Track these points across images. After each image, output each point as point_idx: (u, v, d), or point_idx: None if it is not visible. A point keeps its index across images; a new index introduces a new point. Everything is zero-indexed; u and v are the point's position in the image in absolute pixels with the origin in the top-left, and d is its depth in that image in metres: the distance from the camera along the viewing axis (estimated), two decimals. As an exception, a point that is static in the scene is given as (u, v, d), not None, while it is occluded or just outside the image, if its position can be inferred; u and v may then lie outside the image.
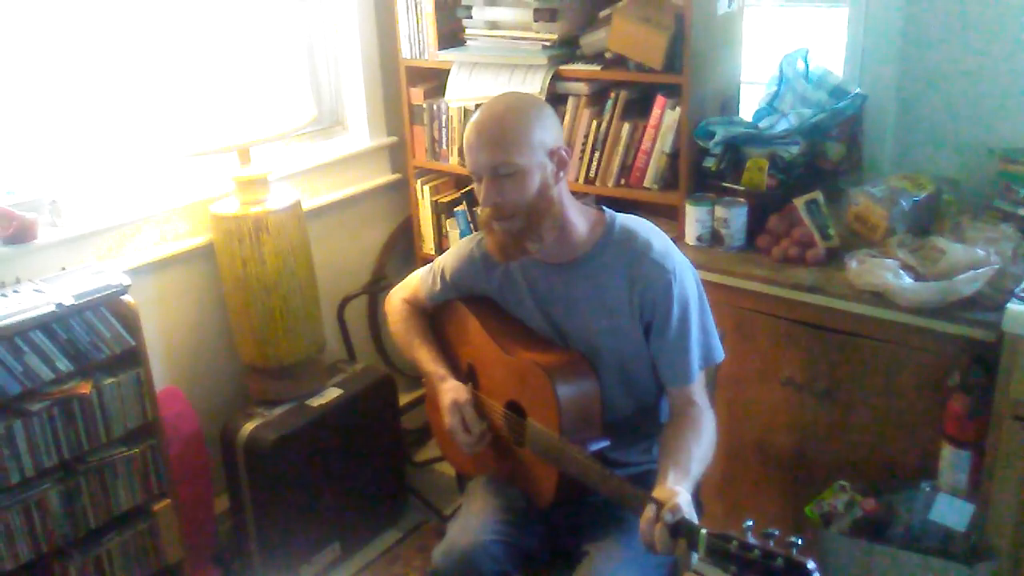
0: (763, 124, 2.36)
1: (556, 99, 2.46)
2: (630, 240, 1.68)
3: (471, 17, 2.60)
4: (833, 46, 2.52)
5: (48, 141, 2.22)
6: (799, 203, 2.18)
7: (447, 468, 2.93)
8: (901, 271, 1.95)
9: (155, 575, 2.20)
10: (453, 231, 2.83)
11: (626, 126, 2.39)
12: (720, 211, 2.25)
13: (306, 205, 2.59)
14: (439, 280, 1.92)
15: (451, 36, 2.69)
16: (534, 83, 2.46)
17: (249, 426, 2.41)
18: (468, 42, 2.64)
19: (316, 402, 2.52)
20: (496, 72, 2.56)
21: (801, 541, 1.22)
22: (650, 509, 1.39)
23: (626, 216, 1.73)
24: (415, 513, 2.84)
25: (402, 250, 3.10)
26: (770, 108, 2.44)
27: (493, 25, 2.58)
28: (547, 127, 1.62)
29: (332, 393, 2.56)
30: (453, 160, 2.78)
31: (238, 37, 2.37)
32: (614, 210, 1.75)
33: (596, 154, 2.45)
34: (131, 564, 2.13)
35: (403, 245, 3.09)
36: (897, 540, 1.89)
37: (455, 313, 1.92)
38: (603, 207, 1.75)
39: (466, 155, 1.65)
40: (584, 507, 1.71)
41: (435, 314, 1.99)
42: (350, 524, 2.63)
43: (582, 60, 2.47)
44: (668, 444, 1.60)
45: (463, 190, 2.86)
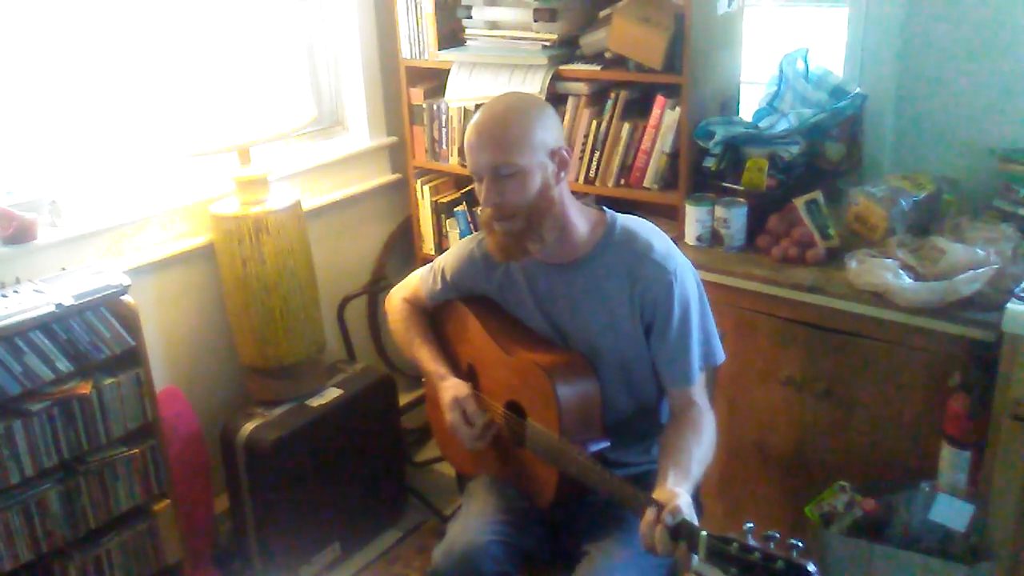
0: (763, 124, 2.37)
1: (556, 99, 2.45)
2: (631, 241, 1.68)
3: (471, 17, 2.60)
4: (833, 46, 2.52)
5: (48, 141, 2.21)
6: (799, 203, 2.18)
7: (447, 468, 2.92)
8: (901, 271, 1.95)
9: (155, 575, 2.20)
10: (453, 231, 2.83)
11: (626, 126, 2.39)
12: (720, 211, 2.25)
13: (306, 205, 2.59)
14: (439, 280, 1.92)
15: (451, 36, 2.69)
16: (534, 83, 2.46)
17: (249, 426, 2.41)
18: (468, 42, 2.64)
19: (316, 402, 2.52)
20: (496, 72, 2.56)
21: (802, 544, 1.22)
22: (650, 511, 1.39)
23: (627, 217, 1.73)
24: (415, 513, 2.84)
25: (402, 250, 3.10)
26: (770, 108, 2.44)
27: (493, 25, 2.58)
28: (548, 127, 1.62)
29: (332, 393, 2.56)
30: (453, 160, 2.78)
31: (238, 37, 2.37)
32: (614, 210, 1.75)
33: (596, 154, 2.45)
34: (131, 564, 2.13)
35: (403, 245, 3.09)
36: (897, 540, 1.89)
37: (455, 313, 1.92)
38: (604, 207, 1.75)
39: (467, 155, 1.64)
40: (584, 507, 1.71)
41: (435, 314, 1.98)
42: (350, 524, 2.63)
43: (582, 60, 2.47)
44: (668, 445, 1.60)
45: (463, 190, 2.86)
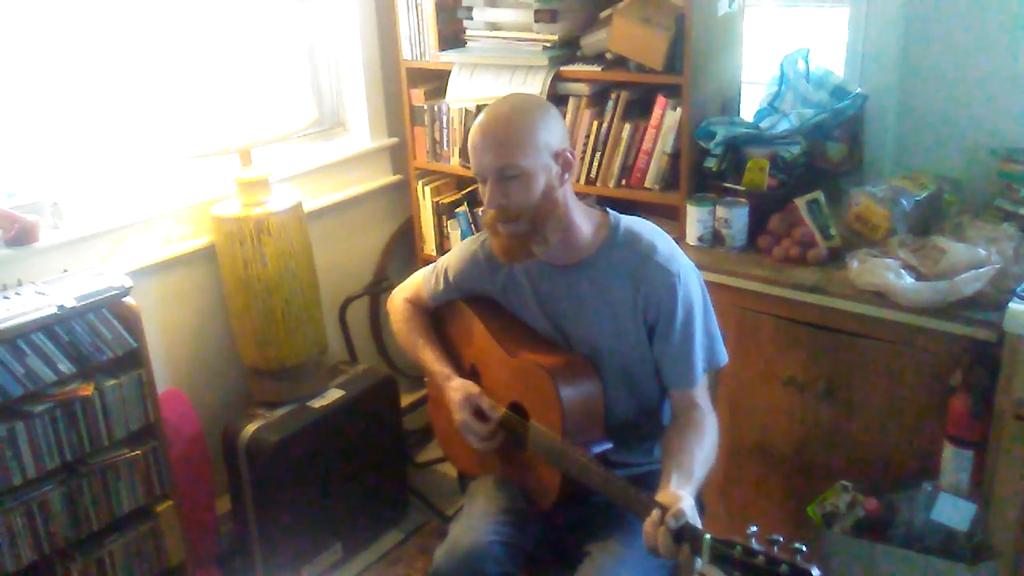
0: (764, 124, 2.36)
1: (557, 100, 2.46)
2: (634, 242, 1.68)
3: (472, 18, 2.61)
4: (834, 46, 2.51)
5: (50, 144, 2.22)
6: (800, 203, 2.18)
7: (449, 469, 2.93)
8: (902, 271, 1.95)
9: (157, 576, 2.21)
10: (454, 232, 2.83)
11: (627, 127, 2.39)
12: (721, 211, 2.25)
13: (307, 206, 2.59)
14: (442, 280, 1.92)
15: (452, 37, 2.69)
16: (535, 84, 2.46)
17: (251, 427, 2.41)
18: (469, 43, 2.64)
19: (318, 403, 2.52)
20: (497, 73, 2.56)
21: (806, 547, 1.22)
22: (654, 514, 1.39)
23: (630, 218, 1.73)
24: (417, 514, 2.84)
25: (403, 251, 3.10)
26: (771, 108, 2.44)
27: (494, 26, 2.58)
28: (552, 129, 1.62)
29: (334, 394, 2.56)
30: (454, 161, 2.78)
31: (239, 39, 2.37)
32: (615, 211, 1.75)
33: (597, 155, 2.45)
34: (133, 565, 2.13)
35: (404, 246, 3.09)
36: (899, 540, 1.89)
37: (458, 314, 1.92)
38: (607, 209, 1.74)
39: (471, 157, 1.64)
40: (586, 508, 1.71)
41: (438, 314, 1.98)
42: (352, 525, 2.63)
43: (583, 61, 2.47)
44: (671, 447, 1.60)
45: (464, 191, 2.86)
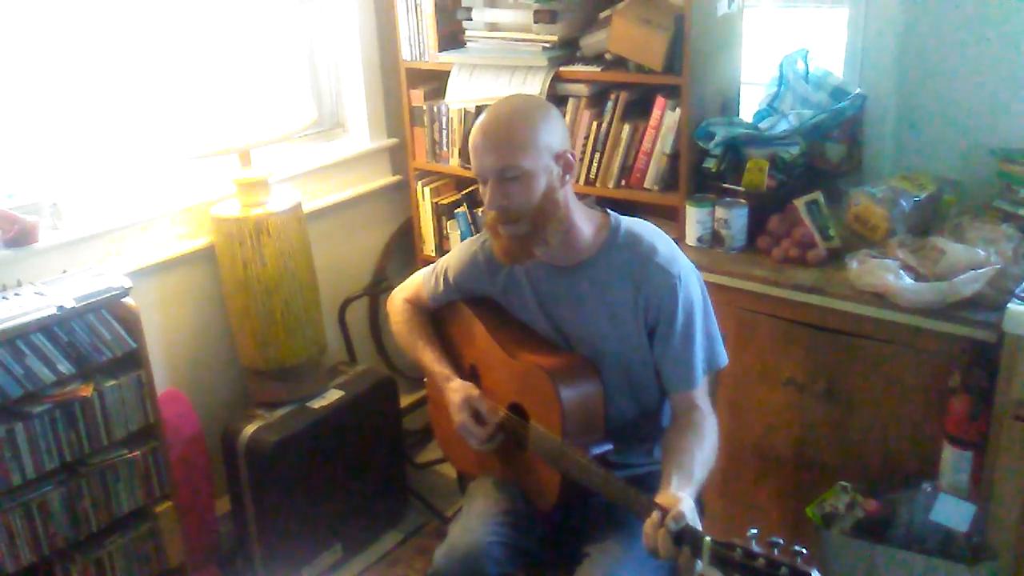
0: (763, 125, 2.37)
1: (556, 100, 2.45)
2: (635, 244, 1.68)
3: (471, 19, 2.60)
4: (833, 47, 2.52)
5: (49, 144, 2.22)
6: (799, 204, 2.18)
7: (448, 469, 2.93)
8: (902, 271, 1.95)
9: (157, 577, 2.20)
10: (454, 233, 2.83)
11: (626, 127, 2.39)
12: (720, 212, 2.25)
13: (307, 207, 2.59)
14: (442, 281, 1.92)
15: (451, 38, 2.69)
16: (534, 85, 2.46)
17: (250, 428, 2.41)
18: (468, 44, 2.64)
19: (317, 404, 2.52)
20: (496, 74, 2.56)
21: (806, 550, 1.22)
22: (654, 516, 1.38)
23: (631, 219, 1.73)
24: (416, 515, 2.84)
25: (403, 252, 3.10)
26: (770, 109, 2.44)
27: (493, 27, 2.58)
28: (553, 130, 1.62)
29: (333, 395, 2.56)
30: (454, 162, 2.78)
31: (239, 40, 2.37)
32: (614, 211, 1.75)
33: (596, 155, 2.45)
34: (133, 566, 2.13)
35: (404, 247, 3.09)
36: (898, 541, 1.89)
37: (458, 314, 1.92)
38: (607, 210, 1.74)
39: (472, 157, 1.64)
40: (585, 508, 1.71)
41: (438, 315, 1.98)
42: (351, 526, 2.63)
43: (582, 62, 2.47)
44: (671, 448, 1.59)
45: (464, 192, 2.86)
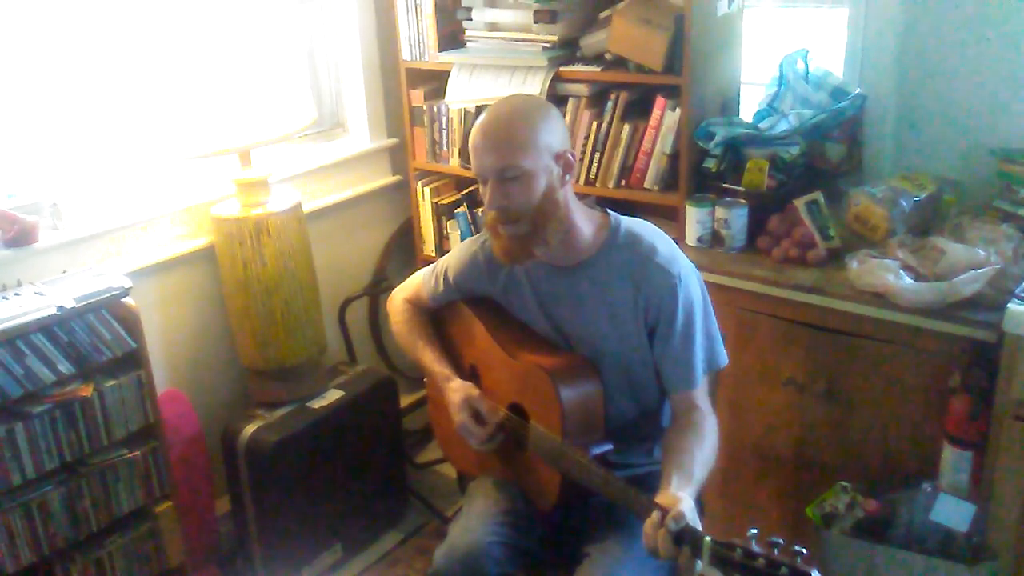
0: (763, 125, 2.37)
1: (556, 100, 2.45)
2: (635, 244, 1.68)
3: (471, 19, 2.60)
4: (833, 47, 2.52)
5: (49, 144, 2.22)
6: (799, 204, 2.18)
7: (448, 469, 2.93)
8: (902, 271, 1.95)
9: (157, 577, 2.20)
10: (454, 233, 2.83)
11: (626, 127, 2.39)
12: (720, 212, 2.25)
13: (307, 207, 2.59)
14: (442, 281, 1.92)
15: (451, 38, 2.69)
16: (534, 85, 2.46)
17: (250, 428, 2.41)
18: (468, 44, 2.64)
19: (317, 404, 2.52)
20: (496, 74, 2.56)
21: (806, 550, 1.22)
22: (654, 516, 1.38)
23: (631, 219, 1.73)
24: (416, 515, 2.84)
25: (403, 252, 3.10)
26: (770, 109, 2.44)
27: (493, 27, 2.58)
28: (553, 130, 1.62)
29: (333, 395, 2.56)
30: (454, 162, 2.78)
31: (239, 40, 2.37)
32: (614, 211, 1.75)
33: (596, 155, 2.45)
34: (133, 566, 2.13)
35: (404, 247, 3.09)
36: (898, 541, 1.89)
37: (458, 314, 1.92)
38: (608, 210, 1.74)
39: (472, 157, 1.64)
40: (585, 508, 1.71)
41: (438, 315, 1.98)
42: (351, 526, 2.63)
43: (582, 62, 2.47)
44: (671, 448, 1.59)
45: (464, 192, 2.86)
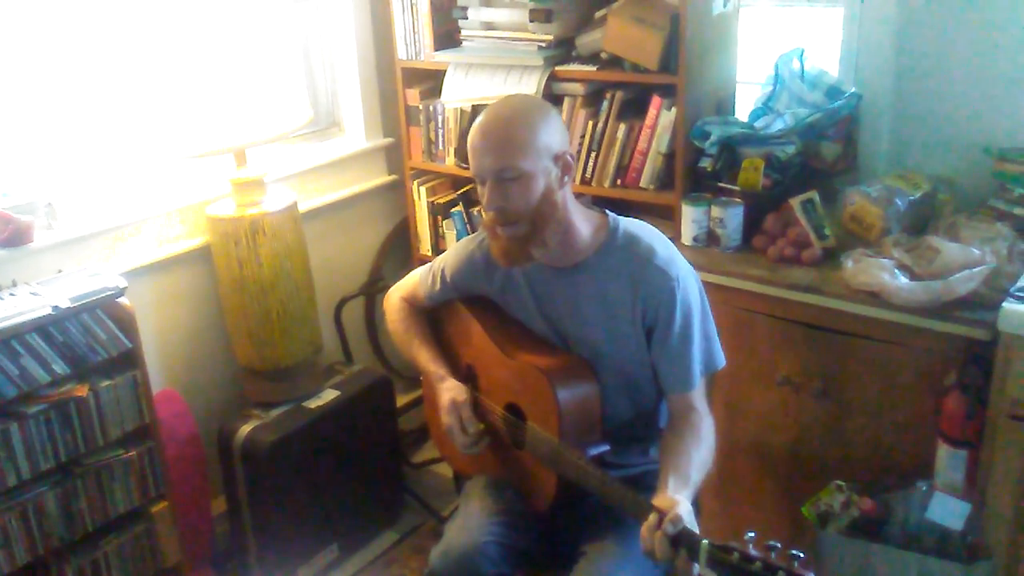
0: (759, 124, 2.37)
1: (552, 100, 2.45)
2: (633, 245, 1.68)
3: (467, 18, 2.60)
4: (828, 46, 2.52)
5: (44, 144, 2.21)
6: (795, 203, 2.18)
7: (444, 469, 2.92)
8: (897, 270, 1.95)
9: (152, 577, 2.20)
10: (450, 232, 2.83)
11: (622, 126, 2.39)
12: (716, 211, 2.25)
13: (302, 207, 2.59)
14: (439, 280, 1.92)
15: (447, 37, 2.69)
16: (530, 84, 2.46)
17: (246, 428, 2.41)
18: (464, 43, 2.64)
19: (313, 404, 2.51)
20: (492, 73, 2.56)
21: (803, 554, 1.22)
22: (651, 518, 1.38)
23: (629, 220, 1.73)
24: (412, 514, 2.84)
25: (399, 251, 3.10)
26: (766, 108, 2.44)
27: (489, 26, 2.58)
28: (553, 131, 1.61)
29: (329, 395, 2.56)
30: (450, 161, 2.77)
31: (234, 39, 2.37)
32: (610, 210, 1.74)
33: (592, 155, 2.45)
34: (128, 567, 2.13)
35: (400, 246, 3.08)
36: (894, 540, 1.89)
37: (455, 313, 1.91)
38: (606, 211, 1.74)
39: (470, 158, 1.63)
40: (581, 508, 1.71)
41: (435, 314, 1.98)
42: (347, 526, 2.63)
43: (578, 61, 2.47)
44: (669, 450, 1.60)
45: (460, 191, 2.86)
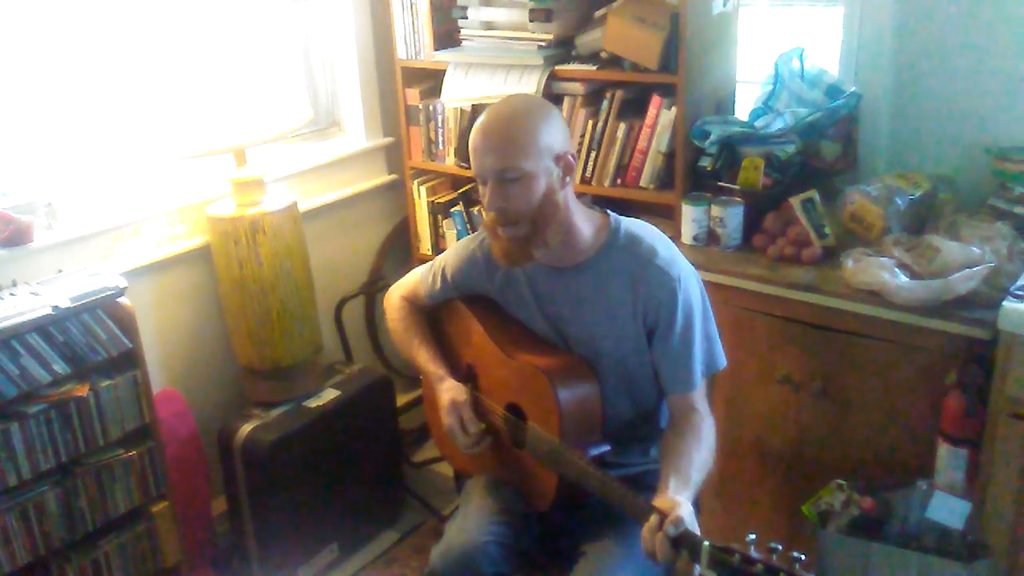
0: (759, 123, 2.37)
1: (552, 99, 2.45)
2: (635, 245, 1.68)
3: (466, 17, 2.60)
4: (828, 45, 2.52)
5: (44, 143, 2.21)
6: (795, 202, 2.18)
7: (445, 468, 2.93)
8: (897, 270, 1.95)
9: (153, 577, 2.20)
10: (450, 232, 2.83)
11: (622, 126, 2.39)
12: (716, 210, 2.25)
13: (302, 206, 2.59)
14: (439, 279, 1.92)
15: (447, 36, 2.69)
16: (530, 83, 2.46)
17: (246, 428, 2.41)
18: (464, 43, 2.64)
19: (313, 403, 2.52)
20: (492, 72, 2.56)
21: (804, 556, 1.22)
22: (652, 520, 1.38)
23: (631, 220, 1.73)
24: (413, 514, 2.84)
25: (399, 251, 3.10)
26: (766, 107, 2.44)
27: (488, 25, 2.58)
28: (554, 131, 1.61)
29: (329, 394, 2.56)
30: (449, 161, 2.77)
31: (234, 38, 2.37)
32: (610, 209, 1.74)
33: (592, 154, 2.45)
34: (129, 567, 2.13)
35: (400, 246, 3.09)
36: (894, 539, 1.89)
37: (455, 313, 1.91)
38: (608, 211, 1.74)
39: (471, 158, 1.63)
40: (582, 508, 1.71)
41: (435, 313, 1.98)
42: (348, 525, 2.63)
43: (577, 60, 2.47)
44: (669, 451, 1.60)
45: (460, 191, 2.86)
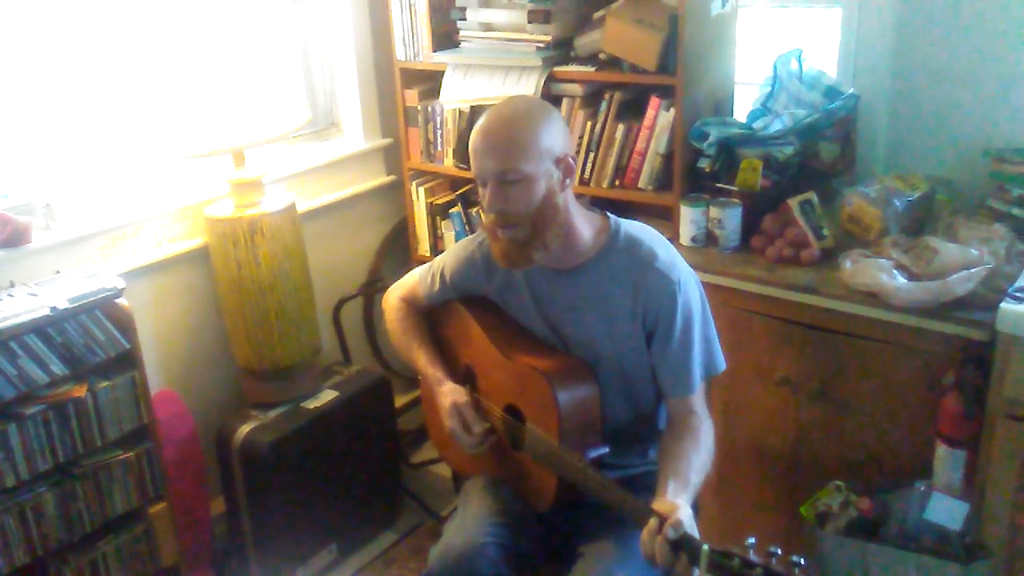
0: (757, 125, 2.37)
1: (550, 101, 2.44)
2: (634, 248, 1.68)
3: (465, 19, 2.60)
4: (827, 47, 2.52)
5: (42, 144, 2.21)
6: (793, 203, 2.19)
7: (443, 469, 2.93)
8: (895, 271, 1.96)
9: (151, 578, 2.20)
10: (448, 233, 2.83)
11: (620, 127, 2.39)
12: (714, 212, 2.25)
13: (301, 207, 2.59)
14: (438, 280, 1.92)
15: (445, 38, 2.69)
16: (528, 85, 2.46)
17: (245, 429, 2.41)
18: (462, 44, 2.64)
19: (312, 404, 2.52)
20: (490, 74, 2.56)
21: (804, 561, 1.22)
22: (651, 523, 1.38)
23: (630, 223, 1.73)
24: (411, 515, 2.84)
25: (398, 252, 3.10)
26: (764, 109, 2.44)
27: (487, 27, 2.58)
28: (555, 134, 1.61)
29: (328, 395, 2.56)
30: (448, 162, 2.77)
31: (232, 39, 2.37)
32: (608, 211, 1.75)
33: (591, 155, 2.45)
34: (127, 567, 2.13)
35: (399, 247, 3.09)
36: (892, 540, 1.89)
37: (454, 314, 1.91)
38: (607, 213, 1.74)
39: (472, 160, 1.63)
40: (580, 508, 1.71)
41: (434, 314, 1.98)
42: (346, 526, 2.63)
43: (576, 62, 2.47)
44: (668, 454, 1.60)
45: (458, 192, 2.86)
